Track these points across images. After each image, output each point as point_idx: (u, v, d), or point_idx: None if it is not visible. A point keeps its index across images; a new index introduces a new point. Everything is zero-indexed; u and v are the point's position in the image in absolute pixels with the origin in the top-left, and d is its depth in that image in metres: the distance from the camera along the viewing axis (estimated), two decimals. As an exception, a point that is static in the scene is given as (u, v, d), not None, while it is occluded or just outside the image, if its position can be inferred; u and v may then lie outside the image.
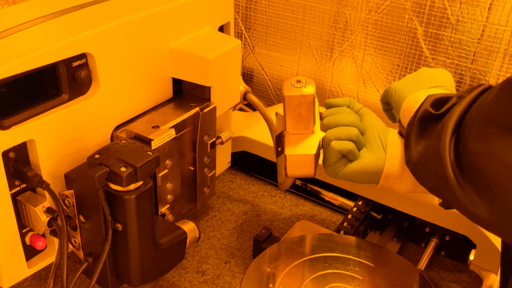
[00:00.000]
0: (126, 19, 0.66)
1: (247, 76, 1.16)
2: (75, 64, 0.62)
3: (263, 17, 1.07)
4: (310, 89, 0.65)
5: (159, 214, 0.73)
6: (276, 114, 0.73)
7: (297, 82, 0.65)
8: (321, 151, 0.68)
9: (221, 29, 0.84)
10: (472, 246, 0.79)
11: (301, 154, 0.66)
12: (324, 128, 0.69)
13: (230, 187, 0.99)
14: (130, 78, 0.69)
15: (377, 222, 0.89)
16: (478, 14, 0.85)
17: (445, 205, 0.66)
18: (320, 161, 0.69)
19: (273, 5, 1.05)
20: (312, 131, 0.67)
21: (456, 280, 0.81)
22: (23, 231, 0.64)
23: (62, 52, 0.60)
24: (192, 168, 0.78)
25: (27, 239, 0.65)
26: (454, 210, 0.78)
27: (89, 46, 0.62)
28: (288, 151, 0.66)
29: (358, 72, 1.01)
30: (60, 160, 0.63)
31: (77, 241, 0.64)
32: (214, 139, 0.79)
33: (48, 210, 0.62)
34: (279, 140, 0.69)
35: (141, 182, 0.59)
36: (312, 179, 0.94)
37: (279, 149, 0.69)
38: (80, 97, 0.65)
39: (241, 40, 1.11)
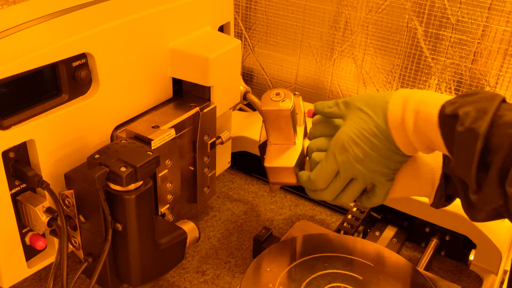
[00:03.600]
0: (126, 19, 0.66)
1: (247, 76, 1.16)
2: (75, 64, 0.62)
3: (263, 17, 1.07)
4: (287, 104, 0.64)
5: (159, 214, 0.73)
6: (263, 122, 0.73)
7: (276, 95, 0.65)
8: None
9: (221, 29, 0.84)
10: (472, 246, 0.79)
11: (279, 167, 0.66)
12: (310, 137, 0.68)
13: (230, 187, 0.99)
14: (130, 78, 0.69)
15: (377, 222, 0.89)
16: (478, 14, 0.85)
17: (437, 205, 0.66)
18: None
19: (273, 5, 1.05)
20: (294, 142, 0.67)
21: (456, 280, 0.81)
22: (23, 231, 0.64)
23: (62, 52, 0.60)
24: (192, 168, 0.78)
25: (27, 239, 0.65)
26: (454, 210, 0.79)
27: (89, 46, 0.62)
28: (267, 162, 0.66)
29: (358, 72, 1.01)
30: (60, 160, 0.63)
31: (77, 241, 0.64)
32: (214, 139, 0.79)
33: (48, 210, 0.62)
34: (263, 150, 0.69)
35: (141, 182, 0.59)
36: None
37: (264, 157, 0.69)
38: (80, 97, 0.65)
39: (241, 40, 1.11)
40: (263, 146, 0.70)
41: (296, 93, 0.71)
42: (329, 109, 0.66)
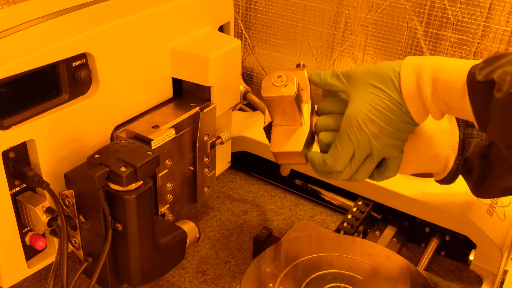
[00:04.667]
0: (126, 19, 0.66)
1: (247, 76, 1.16)
2: (75, 64, 0.62)
3: (263, 17, 1.07)
4: (290, 89, 0.60)
5: (159, 214, 0.73)
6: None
7: (278, 78, 0.61)
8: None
9: (221, 29, 0.84)
10: (472, 246, 0.79)
11: (287, 152, 0.63)
12: (319, 112, 0.66)
13: (230, 187, 0.99)
14: (130, 78, 0.69)
15: (377, 222, 0.89)
16: (478, 14, 0.85)
17: (445, 182, 0.66)
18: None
19: (273, 5, 1.05)
20: (301, 124, 0.63)
21: (456, 280, 0.81)
22: (23, 231, 0.64)
23: (62, 52, 0.60)
24: (192, 168, 0.78)
25: (27, 239, 0.65)
26: (454, 210, 0.79)
27: (89, 46, 0.62)
28: (274, 147, 0.63)
29: (358, 72, 1.01)
30: (60, 160, 0.63)
31: (77, 241, 0.64)
32: (214, 139, 0.79)
33: (48, 210, 0.62)
34: (269, 131, 0.66)
35: (141, 182, 0.59)
36: (312, 179, 0.94)
37: (270, 140, 0.66)
38: (80, 97, 0.65)
39: (241, 40, 1.11)
40: (268, 128, 0.66)
41: (301, 63, 0.67)
42: (327, 80, 0.63)
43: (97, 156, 0.58)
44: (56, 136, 0.62)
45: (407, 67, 0.56)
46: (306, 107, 0.65)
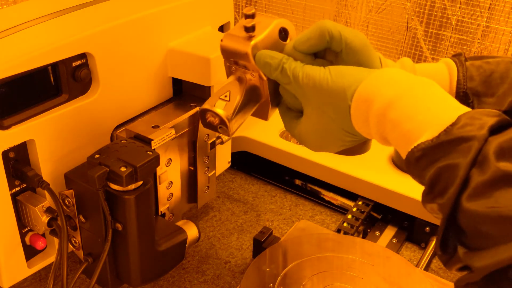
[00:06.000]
0: (126, 19, 0.66)
1: (247, 76, 1.16)
2: (75, 64, 0.62)
3: (263, 17, 1.08)
4: (225, 133, 0.57)
5: (159, 214, 0.73)
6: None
7: (211, 116, 0.57)
8: None
9: (221, 29, 0.84)
10: (472, 246, 0.79)
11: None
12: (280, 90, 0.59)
13: (230, 187, 0.99)
14: (130, 78, 0.69)
15: (377, 222, 0.89)
16: (478, 14, 0.85)
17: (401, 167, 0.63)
18: None
19: (273, 5, 1.05)
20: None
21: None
22: (23, 231, 0.64)
23: (62, 52, 0.60)
24: (192, 168, 0.78)
25: (27, 239, 0.65)
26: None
27: (89, 46, 0.62)
28: (206, 104, 0.58)
29: (358, 72, 1.01)
30: (60, 160, 0.63)
31: (77, 241, 0.64)
32: (214, 139, 0.79)
33: (48, 210, 0.62)
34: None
35: (141, 182, 0.59)
36: (312, 179, 0.94)
37: None
38: (80, 97, 0.65)
39: (241, 40, 1.11)
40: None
41: (251, 11, 0.56)
42: (278, 78, 0.54)
43: (97, 156, 0.58)
44: (56, 136, 0.62)
45: (358, 100, 0.49)
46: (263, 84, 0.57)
